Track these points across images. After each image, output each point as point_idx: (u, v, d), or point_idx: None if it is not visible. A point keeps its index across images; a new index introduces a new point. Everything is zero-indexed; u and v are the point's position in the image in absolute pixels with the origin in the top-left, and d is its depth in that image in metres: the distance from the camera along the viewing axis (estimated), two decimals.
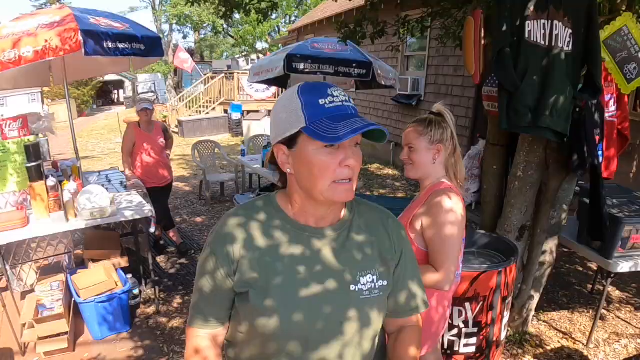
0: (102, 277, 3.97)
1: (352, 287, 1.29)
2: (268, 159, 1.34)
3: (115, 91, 32.04)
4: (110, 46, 3.98)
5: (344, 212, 1.36)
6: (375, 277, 1.33)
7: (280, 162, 1.26)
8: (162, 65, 30.47)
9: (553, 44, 2.90)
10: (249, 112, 16.36)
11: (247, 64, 28.60)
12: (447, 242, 1.96)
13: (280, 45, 22.27)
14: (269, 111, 16.39)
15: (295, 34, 17.51)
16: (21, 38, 3.72)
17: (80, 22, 3.85)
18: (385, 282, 1.35)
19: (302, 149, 1.20)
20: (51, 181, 3.80)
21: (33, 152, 3.83)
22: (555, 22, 2.89)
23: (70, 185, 3.97)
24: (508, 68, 2.89)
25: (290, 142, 1.22)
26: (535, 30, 2.89)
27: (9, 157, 3.97)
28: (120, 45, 4.09)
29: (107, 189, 4.32)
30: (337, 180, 1.20)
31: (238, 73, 18.53)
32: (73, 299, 3.99)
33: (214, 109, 18.27)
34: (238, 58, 33.50)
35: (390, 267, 1.39)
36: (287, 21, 30.87)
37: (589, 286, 4.85)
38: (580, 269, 5.32)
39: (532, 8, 2.86)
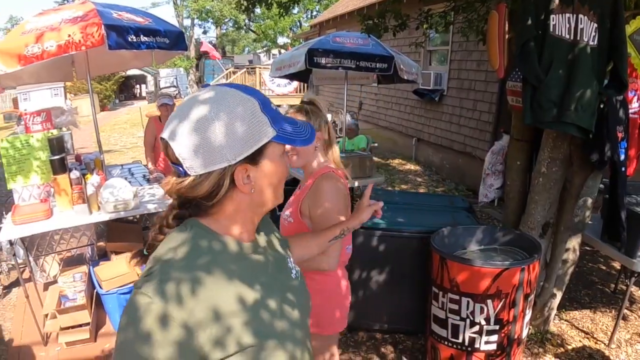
0: (125, 269, 4.00)
1: (295, 278, 1.28)
2: (179, 189, 1.05)
3: (138, 86, 32.32)
4: (133, 40, 4.01)
5: None
6: (291, 259, 1.33)
7: (240, 185, 1.05)
8: (184, 60, 30.67)
9: (578, 38, 2.87)
10: None
11: (269, 59, 28.68)
12: (331, 223, 1.96)
13: (301, 39, 22.26)
14: (291, 106, 16.57)
15: (317, 28, 17.46)
16: (44, 32, 3.77)
17: (103, 17, 3.89)
18: (293, 258, 1.37)
19: (270, 158, 1.08)
20: (74, 174, 3.84)
21: (57, 145, 3.87)
22: (580, 16, 2.86)
23: (93, 179, 4.02)
24: (532, 62, 2.87)
25: (255, 156, 1.05)
26: (560, 24, 2.86)
27: (32, 150, 4.02)
28: (144, 39, 4.12)
29: (130, 182, 4.37)
30: None
31: (260, 68, 18.58)
32: (95, 290, 4.04)
33: None
34: (259, 53, 33.62)
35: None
36: (309, 16, 30.83)
37: (612, 285, 4.79)
38: (603, 267, 5.24)
39: (557, 1, 2.83)
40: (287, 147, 2.01)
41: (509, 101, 3.55)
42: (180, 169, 1.03)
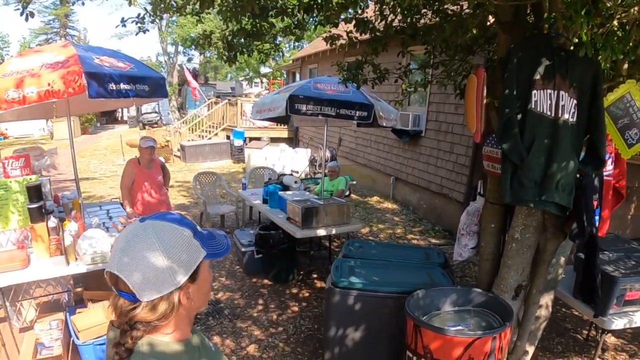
0: (102, 319, 3.96)
1: None
2: (133, 315, 1.19)
3: (120, 110, 32.20)
4: (113, 88, 3.99)
5: None
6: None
7: (184, 301, 1.23)
8: (167, 86, 30.58)
9: (559, 115, 2.87)
10: (251, 139, 16.50)
11: (251, 87, 28.82)
12: None
13: (283, 72, 22.41)
14: (271, 139, 16.67)
15: (299, 62, 17.64)
16: (24, 78, 3.72)
17: (84, 64, 3.86)
18: None
19: (203, 273, 1.28)
20: (52, 222, 3.82)
21: (35, 192, 3.85)
22: (562, 92, 2.87)
23: (71, 227, 3.99)
24: (515, 139, 2.86)
25: (194, 275, 1.24)
26: (542, 100, 2.86)
27: (10, 195, 3.98)
28: (124, 87, 4.10)
29: (107, 228, 4.35)
30: None
31: (241, 99, 18.73)
32: (72, 339, 3.99)
33: (216, 134, 18.39)
34: (241, 80, 33.77)
35: None
36: (292, 46, 31.10)
37: (584, 332, 4.88)
38: (576, 313, 5.31)
39: (538, 77, 2.85)
40: None
41: (484, 166, 3.61)
42: (131, 297, 1.17)
